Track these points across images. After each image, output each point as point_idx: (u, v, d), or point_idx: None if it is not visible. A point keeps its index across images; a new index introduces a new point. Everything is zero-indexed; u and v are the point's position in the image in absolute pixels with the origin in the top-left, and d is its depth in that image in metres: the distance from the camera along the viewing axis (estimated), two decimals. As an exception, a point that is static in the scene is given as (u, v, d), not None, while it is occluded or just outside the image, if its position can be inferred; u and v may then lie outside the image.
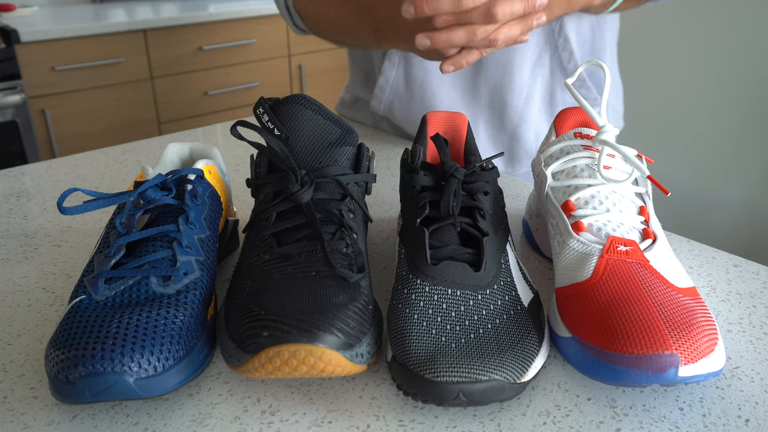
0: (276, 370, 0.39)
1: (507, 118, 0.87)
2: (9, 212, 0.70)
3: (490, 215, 0.50)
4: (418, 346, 0.40)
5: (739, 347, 0.47)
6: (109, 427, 0.40)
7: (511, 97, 0.85)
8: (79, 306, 0.42)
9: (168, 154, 0.59)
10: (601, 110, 0.51)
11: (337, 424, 0.40)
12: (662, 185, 0.66)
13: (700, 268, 0.58)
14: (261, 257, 0.46)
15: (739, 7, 1.89)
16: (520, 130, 0.88)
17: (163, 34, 2.27)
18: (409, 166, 0.52)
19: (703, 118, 2.06)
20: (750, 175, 2.00)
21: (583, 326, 0.42)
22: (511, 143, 0.89)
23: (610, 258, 0.45)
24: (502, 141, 0.89)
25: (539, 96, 0.87)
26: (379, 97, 0.89)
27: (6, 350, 0.47)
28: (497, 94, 0.85)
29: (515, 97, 0.85)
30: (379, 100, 0.90)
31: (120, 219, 0.47)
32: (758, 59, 1.89)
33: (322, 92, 2.76)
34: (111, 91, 2.23)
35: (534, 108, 0.87)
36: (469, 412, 0.41)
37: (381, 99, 0.89)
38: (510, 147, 0.90)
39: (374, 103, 0.90)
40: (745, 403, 0.41)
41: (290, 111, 0.51)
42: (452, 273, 0.45)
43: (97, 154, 0.87)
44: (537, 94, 0.86)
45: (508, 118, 0.87)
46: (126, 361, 0.38)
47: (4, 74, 1.96)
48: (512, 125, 0.87)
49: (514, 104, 0.86)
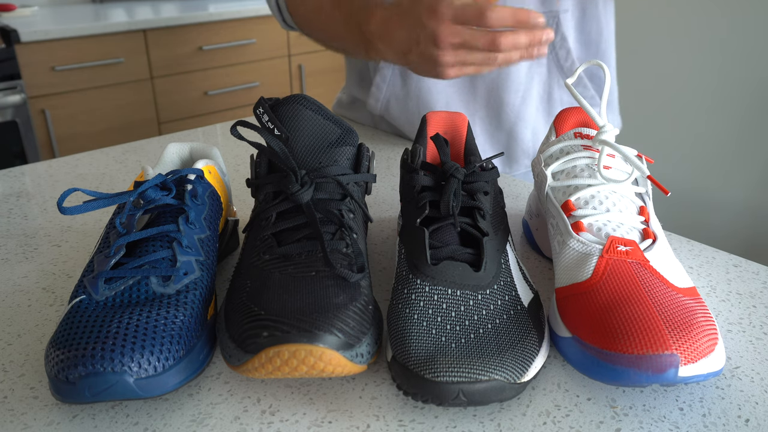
0: (276, 370, 0.39)
1: (504, 117, 0.87)
2: (9, 212, 0.70)
3: (490, 215, 0.50)
4: (418, 346, 0.40)
5: (739, 347, 0.47)
6: (109, 427, 0.40)
7: (507, 95, 0.85)
8: (79, 306, 0.42)
9: (168, 154, 0.59)
10: (601, 110, 0.51)
11: (337, 424, 0.40)
12: (662, 185, 0.66)
13: (700, 268, 0.58)
14: (261, 257, 0.46)
15: (739, 6, 1.89)
16: (517, 129, 0.88)
17: (163, 34, 2.27)
18: (409, 166, 0.52)
19: (703, 118, 2.06)
20: (750, 175, 2.00)
21: (583, 326, 0.42)
22: (508, 141, 0.89)
23: (610, 258, 0.45)
24: (499, 139, 0.89)
25: (536, 94, 0.87)
26: (375, 95, 0.89)
27: (6, 350, 0.47)
28: (494, 92, 0.86)
29: (512, 95, 0.85)
30: (376, 99, 0.89)
31: (120, 219, 0.47)
32: (758, 59, 1.89)
33: (322, 92, 2.76)
34: (111, 91, 2.23)
35: (531, 106, 0.87)
36: (469, 412, 0.41)
37: (378, 97, 0.89)
38: (507, 145, 0.90)
39: (371, 101, 0.90)
40: (745, 403, 0.41)
41: (290, 111, 0.51)
42: (452, 273, 0.45)
43: (97, 154, 0.87)
44: (534, 93, 0.87)
45: (505, 117, 0.87)
46: (126, 361, 0.38)
47: (4, 74, 1.96)
48: (509, 123, 0.87)
49: (511, 102, 0.86)
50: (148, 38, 2.25)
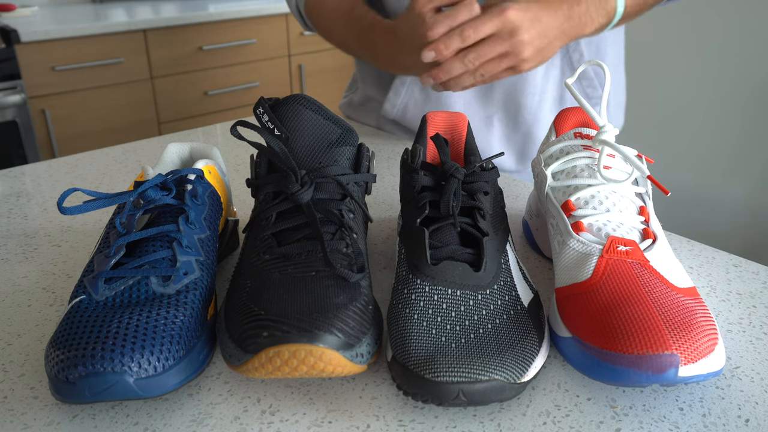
0: (276, 370, 0.39)
1: (521, 119, 0.89)
2: (9, 212, 0.70)
3: (490, 215, 0.50)
4: (418, 346, 0.40)
5: (739, 347, 0.47)
6: (109, 427, 0.40)
7: (524, 97, 0.87)
8: (79, 306, 0.42)
9: (168, 154, 0.59)
10: (601, 110, 0.51)
11: (337, 424, 0.40)
12: (662, 185, 0.66)
13: (700, 268, 0.58)
14: (261, 257, 0.46)
15: (739, 7, 1.89)
16: (534, 130, 0.89)
17: (163, 34, 2.27)
18: (409, 166, 0.52)
19: (703, 118, 2.06)
20: (750, 175, 2.00)
21: (583, 326, 0.42)
22: (524, 142, 0.91)
23: (610, 258, 0.45)
24: (515, 140, 0.91)
25: (550, 96, 0.88)
26: (392, 100, 0.90)
27: (6, 350, 0.47)
28: (511, 95, 0.87)
29: (529, 98, 0.87)
30: (393, 104, 0.90)
31: (120, 219, 0.47)
32: (758, 59, 1.89)
33: (322, 92, 2.76)
34: (111, 91, 2.23)
35: (546, 108, 0.89)
36: (469, 412, 0.41)
37: (395, 102, 0.90)
38: (523, 146, 0.91)
39: (387, 106, 0.91)
40: (745, 403, 0.41)
41: (290, 111, 0.51)
42: (452, 273, 0.45)
43: (97, 154, 0.87)
44: (549, 95, 0.88)
45: (522, 119, 0.88)
46: (126, 361, 0.38)
47: (4, 74, 1.96)
48: (526, 125, 0.89)
49: (528, 105, 0.87)
50: (148, 38, 2.25)
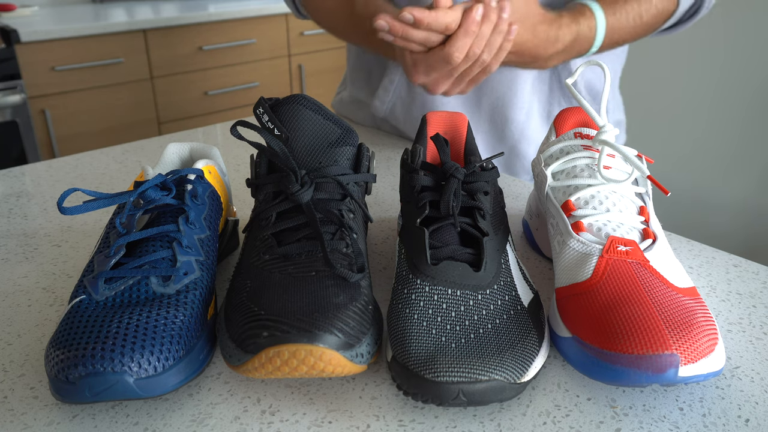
0: (276, 370, 0.39)
1: (508, 133, 0.87)
2: (9, 212, 0.70)
3: (490, 215, 0.50)
4: (418, 346, 0.40)
5: (739, 347, 0.47)
6: (109, 427, 0.40)
7: (512, 112, 0.85)
8: (79, 306, 0.42)
9: (168, 154, 0.59)
10: (601, 110, 0.51)
11: (337, 424, 0.40)
12: (662, 185, 0.66)
13: (700, 268, 0.58)
14: (261, 257, 0.46)
15: (738, 7, 1.89)
16: (520, 146, 0.88)
17: (163, 34, 2.27)
18: (409, 166, 0.52)
19: (703, 118, 2.06)
20: (750, 175, 2.00)
21: (583, 326, 0.42)
22: (510, 157, 0.89)
23: (610, 258, 0.45)
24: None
25: (537, 113, 0.87)
26: (381, 98, 0.89)
27: (6, 350, 0.47)
28: (498, 109, 0.85)
29: (517, 113, 0.85)
30: (382, 101, 0.89)
31: (120, 219, 0.47)
32: (758, 59, 1.89)
33: (322, 92, 2.76)
34: (111, 91, 2.23)
35: (533, 124, 0.87)
36: (469, 412, 0.41)
37: (384, 100, 0.89)
38: (508, 160, 0.90)
39: (376, 103, 0.90)
40: (745, 403, 0.41)
41: (290, 111, 0.51)
42: (452, 273, 0.45)
43: (97, 154, 0.87)
44: (535, 111, 0.86)
45: (509, 133, 0.87)
46: (126, 361, 0.38)
47: (4, 74, 1.96)
48: (513, 140, 0.87)
49: (516, 119, 0.86)
50: (148, 38, 2.25)
